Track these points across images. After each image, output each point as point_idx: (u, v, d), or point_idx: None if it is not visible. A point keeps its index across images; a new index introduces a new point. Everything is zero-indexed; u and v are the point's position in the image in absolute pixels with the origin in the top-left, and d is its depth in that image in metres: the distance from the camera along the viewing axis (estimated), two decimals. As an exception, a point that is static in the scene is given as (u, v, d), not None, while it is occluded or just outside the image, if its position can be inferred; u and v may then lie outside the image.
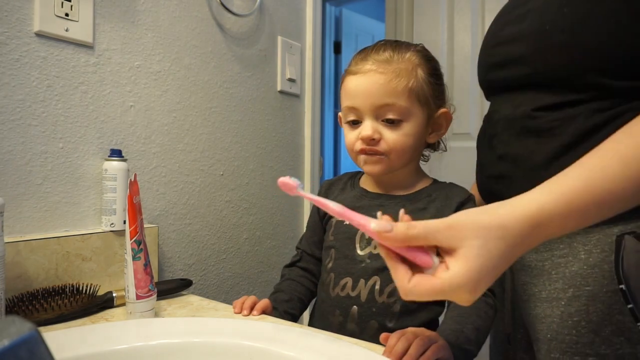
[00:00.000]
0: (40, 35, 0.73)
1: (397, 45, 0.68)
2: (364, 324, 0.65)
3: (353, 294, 0.66)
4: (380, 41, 0.70)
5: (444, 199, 0.68)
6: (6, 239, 0.66)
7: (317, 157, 1.30)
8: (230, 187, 1.06)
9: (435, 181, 0.73)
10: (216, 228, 1.03)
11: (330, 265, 0.71)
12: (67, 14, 0.75)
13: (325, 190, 0.78)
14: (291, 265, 0.79)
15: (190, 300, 0.78)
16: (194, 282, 0.95)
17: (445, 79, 0.74)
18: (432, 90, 0.67)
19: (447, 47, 1.66)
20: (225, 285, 1.05)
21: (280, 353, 0.51)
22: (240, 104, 1.08)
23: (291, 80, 1.21)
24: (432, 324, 0.67)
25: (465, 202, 0.68)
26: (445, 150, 0.77)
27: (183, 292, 0.82)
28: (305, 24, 1.27)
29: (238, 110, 1.07)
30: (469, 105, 1.62)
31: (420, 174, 0.74)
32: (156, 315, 0.67)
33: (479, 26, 1.61)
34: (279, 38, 1.18)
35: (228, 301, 1.04)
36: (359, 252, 0.68)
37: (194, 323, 0.59)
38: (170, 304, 0.75)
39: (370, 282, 0.66)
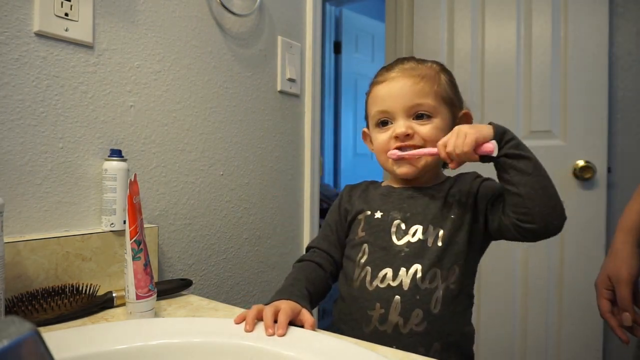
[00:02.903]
0: (39, 35, 0.73)
1: (416, 58, 0.75)
2: (408, 313, 0.64)
3: (394, 284, 0.66)
4: (400, 58, 0.77)
5: (459, 187, 0.72)
6: (6, 239, 0.66)
7: (317, 157, 1.30)
8: (230, 187, 1.06)
9: (448, 177, 0.77)
10: (216, 228, 1.03)
11: (364, 259, 0.70)
12: (66, 14, 0.75)
13: (348, 192, 0.80)
14: (300, 260, 0.77)
15: (190, 300, 0.78)
16: (194, 282, 0.95)
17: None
18: (454, 94, 0.74)
19: (447, 47, 1.66)
20: (225, 285, 1.05)
21: (280, 353, 0.51)
22: (240, 104, 1.08)
23: (291, 80, 1.21)
24: (469, 310, 0.71)
25: (475, 178, 0.73)
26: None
27: (183, 292, 0.82)
28: (305, 24, 1.27)
29: (238, 110, 1.07)
30: (468, 106, 1.62)
31: (441, 173, 0.78)
32: (156, 315, 0.67)
33: (479, 26, 1.61)
34: (279, 38, 1.18)
35: (228, 301, 1.05)
36: (396, 242, 0.69)
37: (194, 323, 0.59)
38: (170, 304, 0.75)
39: (412, 270, 0.66)
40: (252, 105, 1.11)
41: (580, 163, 1.43)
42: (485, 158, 0.62)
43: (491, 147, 0.60)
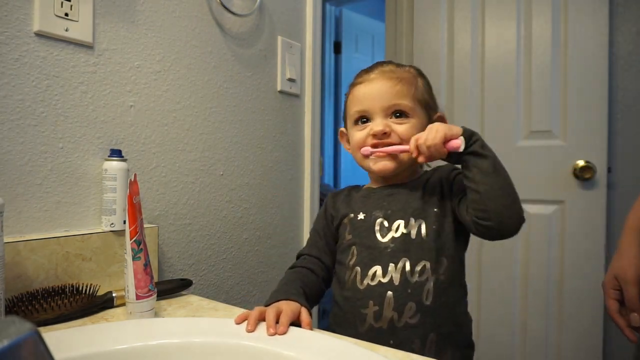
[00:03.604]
0: (39, 35, 0.73)
1: (396, 62, 0.77)
2: (402, 307, 0.66)
3: (385, 280, 0.67)
4: (379, 61, 0.78)
5: (438, 177, 0.75)
6: (6, 239, 0.66)
7: (317, 157, 1.30)
8: (230, 187, 1.06)
9: (425, 171, 0.79)
10: (216, 228, 1.03)
11: (353, 260, 0.71)
12: (66, 14, 0.75)
13: (332, 199, 0.82)
14: (292, 267, 0.78)
15: (190, 300, 0.78)
16: (194, 282, 0.95)
17: (445, 79, 0.78)
18: (430, 97, 0.76)
19: (447, 47, 1.66)
20: (225, 285, 1.05)
21: (280, 353, 0.51)
22: (240, 104, 1.08)
23: (291, 80, 1.21)
24: (462, 299, 0.72)
25: (452, 169, 0.74)
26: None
27: (183, 292, 0.82)
28: (305, 24, 1.27)
29: (238, 110, 1.07)
30: (468, 106, 1.62)
31: (418, 169, 0.80)
32: (156, 315, 0.67)
33: (479, 26, 1.61)
34: (279, 38, 1.18)
35: (228, 301, 1.05)
36: (381, 239, 0.70)
37: (194, 323, 0.59)
38: (170, 304, 0.75)
39: (400, 265, 0.67)
40: (252, 105, 1.11)
41: (580, 163, 1.43)
42: (452, 157, 0.65)
43: (459, 142, 0.63)
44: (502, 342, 1.54)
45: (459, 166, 0.70)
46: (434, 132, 0.63)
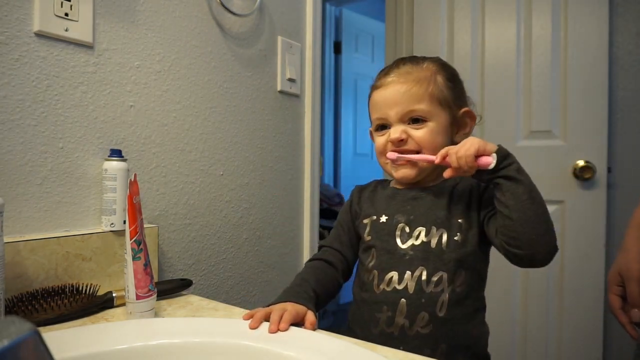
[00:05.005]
0: (39, 35, 0.73)
1: (414, 58, 0.75)
2: (414, 316, 0.65)
3: (400, 287, 0.67)
4: (399, 58, 0.77)
5: (467, 185, 0.72)
6: (6, 239, 0.66)
7: (317, 157, 1.30)
8: (230, 187, 1.06)
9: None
10: (216, 228, 1.03)
11: (372, 263, 0.71)
12: (66, 14, 0.75)
13: (358, 193, 0.81)
14: (311, 260, 0.78)
15: (190, 300, 0.78)
16: (194, 282, 0.95)
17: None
18: (452, 93, 0.73)
19: (447, 47, 1.66)
20: (225, 285, 1.05)
21: (280, 353, 0.51)
22: (240, 104, 1.08)
23: (291, 80, 1.21)
24: (479, 312, 0.70)
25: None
26: None
27: (183, 292, 0.82)
28: (305, 24, 1.27)
29: (238, 110, 1.07)
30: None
31: None
32: (156, 315, 0.67)
33: (479, 26, 1.61)
34: (279, 38, 1.18)
35: (228, 301, 1.05)
36: (400, 245, 0.69)
37: (194, 323, 0.59)
38: (170, 304, 0.75)
39: (417, 273, 0.67)
40: (252, 105, 1.11)
41: (580, 163, 1.43)
42: (482, 175, 0.63)
43: (490, 160, 0.61)
44: (502, 342, 1.54)
45: None
46: (468, 144, 0.61)
